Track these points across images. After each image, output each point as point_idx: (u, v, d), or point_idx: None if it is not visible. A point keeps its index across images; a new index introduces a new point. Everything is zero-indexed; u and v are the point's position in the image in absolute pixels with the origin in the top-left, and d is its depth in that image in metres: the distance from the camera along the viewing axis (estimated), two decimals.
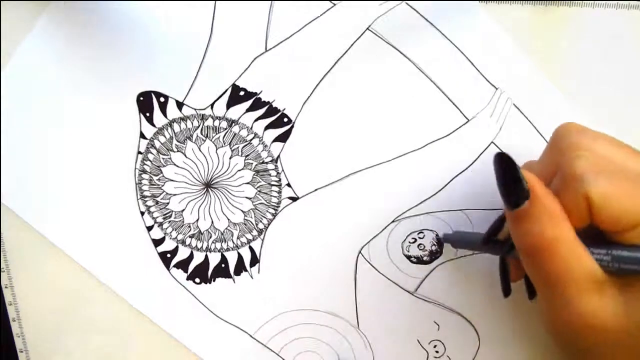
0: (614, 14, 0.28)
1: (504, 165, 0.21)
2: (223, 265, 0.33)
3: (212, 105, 0.30)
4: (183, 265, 0.33)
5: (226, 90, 0.30)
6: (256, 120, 0.30)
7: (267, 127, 0.30)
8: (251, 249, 0.32)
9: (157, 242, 0.33)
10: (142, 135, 0.31)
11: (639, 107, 0.30)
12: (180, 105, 0.30)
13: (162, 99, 0.30)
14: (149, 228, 0.32)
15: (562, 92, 0.29)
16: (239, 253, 0.33)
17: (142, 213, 0.32)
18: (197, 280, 0.33)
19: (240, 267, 0.33)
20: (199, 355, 0.34)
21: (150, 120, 0.30)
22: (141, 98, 0.30)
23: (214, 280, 0.33)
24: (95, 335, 0.34)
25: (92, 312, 0.34)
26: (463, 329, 0.33)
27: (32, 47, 0.29)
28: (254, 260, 0.33)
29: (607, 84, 0.29)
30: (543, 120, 0.30)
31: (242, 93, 0.30)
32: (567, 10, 0.28)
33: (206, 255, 0.33)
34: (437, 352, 0.34)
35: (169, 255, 0.33)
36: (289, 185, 0.31)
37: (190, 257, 0.33)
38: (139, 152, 0.31)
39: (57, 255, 0.33)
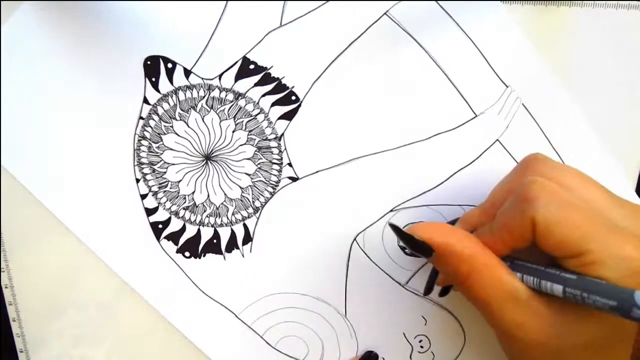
0: (614, 14, 0.28)
1: (398, 234, 0.25)
2: (215, 241, 0.32)
3: (220, 76, 0.30)
4: (174, 237, 0.32)
5: (236, 62, 0.29)
6: (263, 95, 0.30)
7: (273, 104, 0.30)
8: (245, 226, 0.32)
9: (150, 212, 0.32)
10: (145, 101, 0.30)
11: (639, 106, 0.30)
12: (187, 73, 0.30)
13: (169, 65, 0.30)
14: (143, 196, 0.32)
15: (564, 89, 0.30)
16: (232, 230, 0.32)
17: (138, 180, 0.31)
18: (187, 254, 0.32)
19: (232, 244, 0.32)
20: (183, 332, 0.33)
21: (155, 85, 0.30)
22: (148, 62, 0.30)
23: (204, 256, 0.32)
24: (95, 335, 0.34)
25: (92, 312, 0.33)
26: (450, 325, 0.33)
27: (33, 6, 0.28)
28: (247, 239, 0.32)
29: (607, 84, 0.30)
30: (550, 122, 0.30)
31: (252, 66, 0.29)
32: (567, 10, 0.28)
33: (199, 229, 0.32)
34: (421, 347, 0.33)
35: (160, 226, 0.32)
36: (290, 164, 0.31)
37: (183, 229, 0.32)
38: (141, 118, 0.30)
39: (57, 257, 0.32)
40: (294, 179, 0.31)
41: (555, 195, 0.22)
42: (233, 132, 0.31)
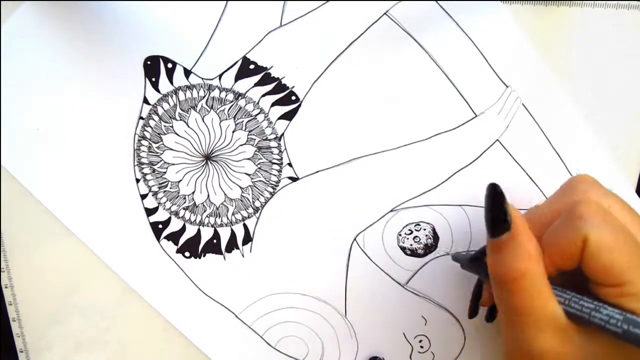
0: (614, 14, 0.28)
1: (495, 196, 0.23)
2: (215, 241, 0.32)
3: (220, 76, 0.30)
4: (174, 237, 0.32)
5: (236, 62, 0.29)
6: (263, 95, 0.30)
7: (274, 104, 0.30)
8: (245, 226, 0.32)
9: (150, 212, 0.32)
10: (145, 101, 0.30)
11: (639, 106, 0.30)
12: (187, 73, 0.30)
13: (169, 65, 0.29)
14: (143, 196, 0.32)
15: (563, 90, 0.30)
16: (232, 230, 0.32)
17: (138, 180, 0.31)
18: (187, 254, 0.32)
19: (232, 244, 0.32)
20: (182, 332, 0.33)
21: (155, 85, 0.30)
22: (148, 62, 0.30)
23: (204, 256, 0.32)
24: (95, 335, 0.34)
25: (92, 312, 0.33)
26: (450, 325, 0.33)
27: (33, 6, 0.28)
28: (247, 239, 0.32)
29: (607, 84, 0.30)
30: (550, 122, 0.30)
31: (252, 66, 0.29)
32: (567, 10, 0.28)
33: (199, 229, 0.32)
34: (421, 347, 0.33)
35: (160, 226, 0.32)
36: (290, 164, 0.31)
37: (183, 229, 0.32)
38: (141, 118, 0.30)
39: (57, 257, 0.32)
40: (294, 179, 0.31)
41: (609, 219, 0.21)
42: (233, 132, 0.31)
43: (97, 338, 0.34)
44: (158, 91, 0.30)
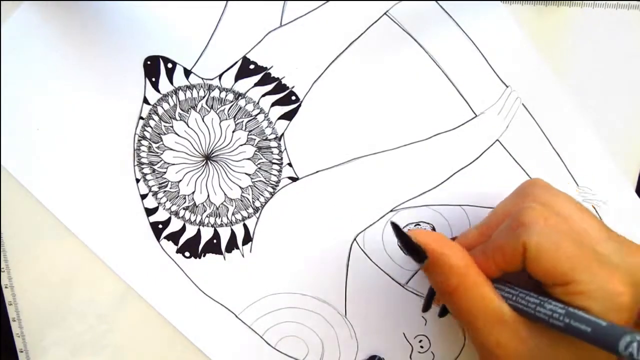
0: (614, 14, 0.28)
1: (400, 236, 0.25)
2: (215, 241, 0.32)
3: (220, 76, 0.30)
4: (174, 237, 0.32)
5: (236, 62, 0.29)
6: (264, 95, 0.30)
7: (274, 104, 0.30)
8: (245, 226, 0.32)
9: (150, 212, 0.32)
10: (145, 101, 0.30)
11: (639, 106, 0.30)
12: (187, 73, 0.30)
13: (169, 65, 0.30)
14: (143, 196, 0.32)
15: (563, 90, 0.30)
16: (232, 230, 0.32)
17: (138, 180, 0.31)
18: (187, 254, 0.32)
19: (232, 244, 0.32)
20: (182, 332, 0.33)
21: (155, 85, 0.30)
22: (148, 62, 0.30)
23: (204, 256, 0.32)
24: (95, 334, 0.34)
25: (92, 311, 0.33)
26: (450, 326, 0.33)
27: (33, 6, 0.28)
28: (247, 239, 0.32)
29: (607, 84, 0.30)
30: (550, 122, 0.30)
31: (252, 66, 0.29)
32: (567, 10, 0.28)
33: (199, 229, 0.32)
34: (421, 347, 0.33)
35: (160, 226, 0.32)
36: (290, 164, 0.31)
37: (182, 229, 0.32)
38: (141, 118, 0.30)
39: (57, 257, 0.32)
40: (294, 179, 0.31)
41: (549, 223, 0.22)
42: (233, 132, 0.31)
43: (97, 338, 0.34)
44: (158, 91, 0.30)
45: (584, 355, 0.22)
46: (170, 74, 0.30)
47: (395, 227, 0.25)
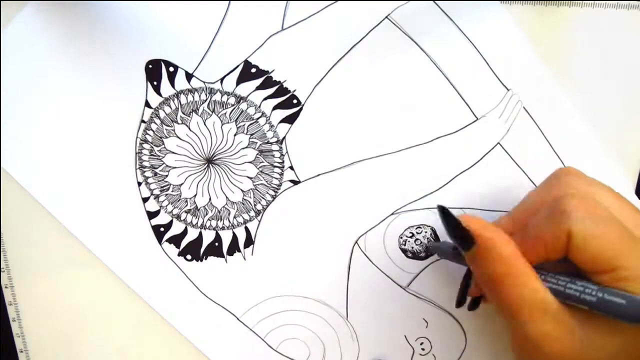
0: (614, 14, 0.28)
1: (448, 219, 0.24)
2: (216, 244, 0.32)
3: (221, 80, 0.30)
4: (176, 240, 0.32)
5: (238, 66, 0.29)
6: (265, 99, 0.30)
7: (275, 107, 0.30)
8: (247, 229, 0.32)
9: (152, 215, 0.32)
10: (147, 104, 0.30)
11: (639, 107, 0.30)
12: (189, 76, 0.30)
13: (171, 69, 0.30)
14: (145, 199, 0.32)
15: (564, 92, 0.30)
16: (234, 233, 0.32)
17: (139, 184, 0.31)
18: (189, 257, 0.33)
19: (233, 247, 0.32)
20: (184, 335, 0.33)
21: (157, 89, 0.30)
22: (150, 66, 0.30)
23: (205, 259, 0.33)
24: (95, 335, 0.34)
25: (93, 312, 0.33)
26: (451, 328, 0.33)
27: (36, 8, 0.28)
28: (249, 242, 0.32)
29: (607, 84, 0.30)
30: (550, 124, 0.30)
31: (253, 70, 0.29)
32: (567, 10, 0.28)
33: (200, 232, 0.32)
34: (423, 349, 0.33)
35: (162, 229, 0.32)
36: (291, 168, 0.31)
37: (184, 232, 0.32)
38: (142, 121, 0.30)
39: (57, 257, 0.32)
40: (295, 182, 0.31)
41: (593, 210, 0.22)
42: (235, 135, 0.31)
43: (97, 338, 0.34)
44: (160, 95, 0.30)
45: (633, 344, 0.22)
46: (172, 77, 0.30)
47: (443, 211, 0.24)
